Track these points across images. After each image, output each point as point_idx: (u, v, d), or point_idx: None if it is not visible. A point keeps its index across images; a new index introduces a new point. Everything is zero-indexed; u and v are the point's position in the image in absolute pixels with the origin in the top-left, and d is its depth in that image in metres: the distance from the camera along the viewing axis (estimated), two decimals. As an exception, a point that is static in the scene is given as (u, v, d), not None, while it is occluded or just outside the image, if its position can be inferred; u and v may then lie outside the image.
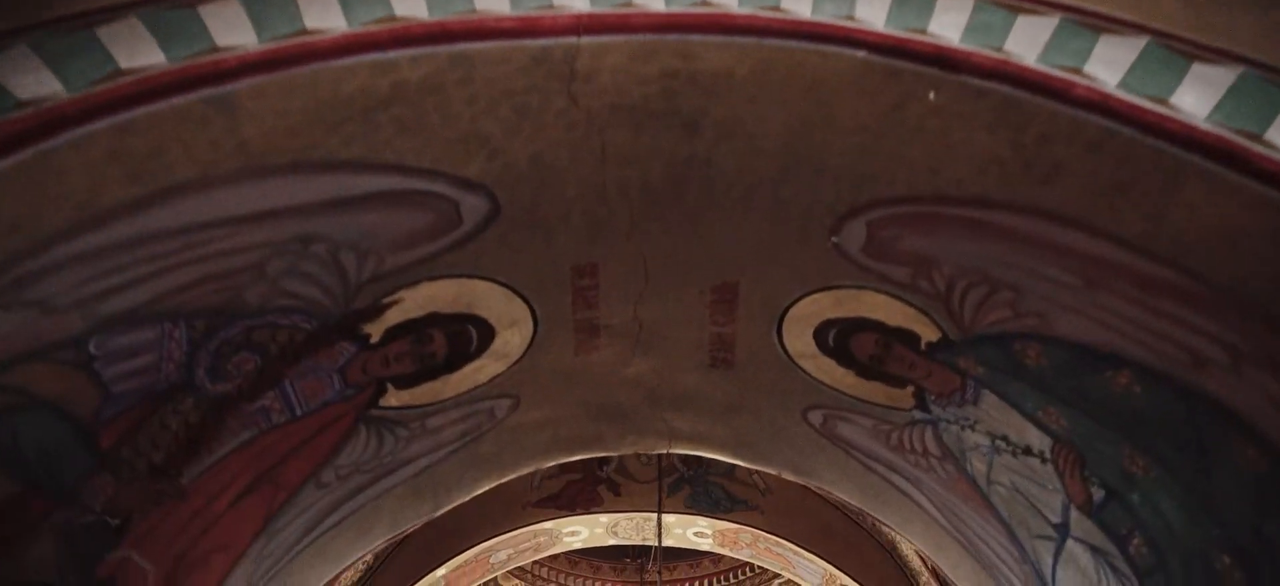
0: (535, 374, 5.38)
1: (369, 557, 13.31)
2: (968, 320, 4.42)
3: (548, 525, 14.20)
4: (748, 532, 14.38)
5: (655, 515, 14.25)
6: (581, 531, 14.65)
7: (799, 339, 5.13)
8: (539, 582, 19.24)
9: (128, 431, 3.94)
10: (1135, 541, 4.40)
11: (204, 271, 3.72)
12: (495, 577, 19.11)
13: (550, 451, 6.14)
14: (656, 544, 12.96)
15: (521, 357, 5.19)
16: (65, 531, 3.87)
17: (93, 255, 3.33)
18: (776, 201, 4.19)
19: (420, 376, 5.00)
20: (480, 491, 6.18)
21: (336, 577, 13.02)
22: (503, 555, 14.46)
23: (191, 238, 3.56)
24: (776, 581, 19.40)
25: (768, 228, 4.37)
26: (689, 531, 14.73)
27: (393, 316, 4.52)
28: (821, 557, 13.96)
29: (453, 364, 5.03)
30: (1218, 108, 2.95)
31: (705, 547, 14.81)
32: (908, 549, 13.48)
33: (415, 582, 13.68)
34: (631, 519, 14.44)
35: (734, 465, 14.77)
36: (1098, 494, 4.53)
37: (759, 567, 19.36)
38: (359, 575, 13.33)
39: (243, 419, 4.44)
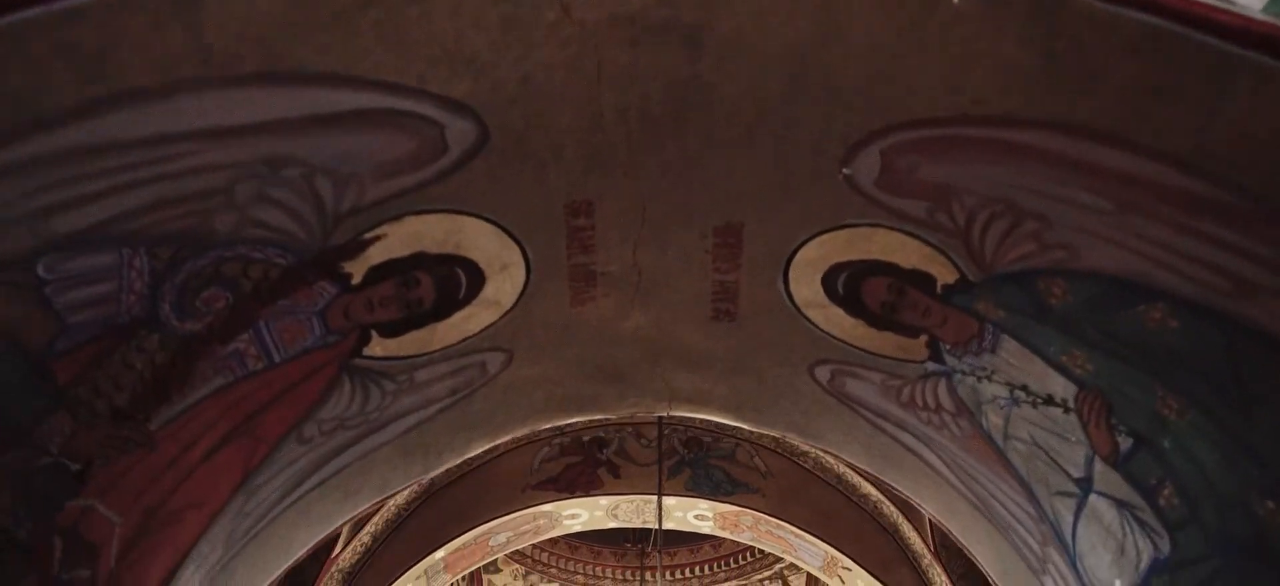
0: (529, 326, 5.04)
1: (367, 539, 12.99)
2: (988, 257, 4.07)
3: (547, 507, 13.87)
4: (749, 515, 14.05)
5: (655, 498, 13.93)
6: (581, 514, 14.32)
7: (807, 286, 4.78)
8: (539, 567, 18.91)
9: (86, 368, 3.59)
10: (1166, 492, 4.06)
11: (165, 192, 3.37)
12: (495, 561, 18.78)
13: (545, 412, 5.79)
14: (657, 527, 12.60)
15: (514, 307, 4.85)
16: (19, 473, 3.52)
17: (39, 163, 2.99)
18: (784, 128, 3.85)
19: (407, 324, 4.65)
20: (472, 454, 5.84)
21: (336, 557, 12.69)
22: (502, 538, 14.12)
23: (150, 152, 3.22)
24: (777, 565, 19.07)
25: (774, 159, 4.02)
26: (689, 514, 14.39)
27: (375, 254, 4.18)
28: (823, 540, 13.62)
29: (441, 311, 4.68)
30: (1276, -1, 2.64)
31: (706, 531, 14.47)
32: (909, 531, 13.15)
33: (414, 564, 13.35)
34: (632, 501, 14.11)
35: (735, 448, 14.48)
36: (1125, 443, 4.18)
37: (759, 553, 19.02)
38: (357, 557, 13.01)
39: (215, 363, 4.09)
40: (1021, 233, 3.86)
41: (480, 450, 5.88)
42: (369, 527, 12.87)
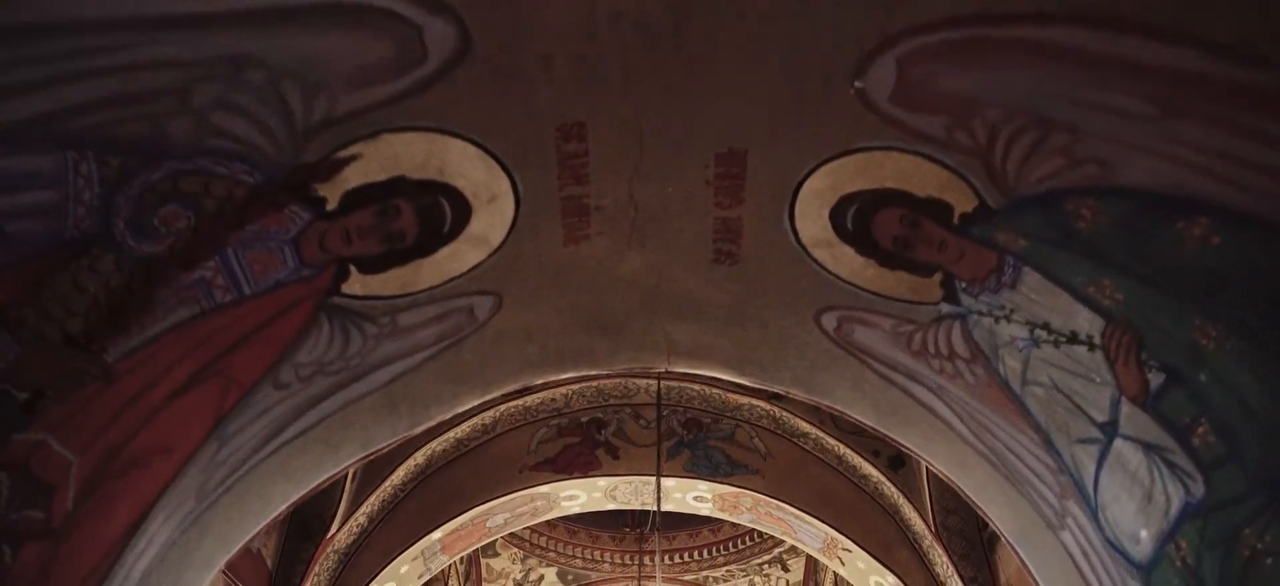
0: (519, 267, 4.68)
1: (363, 520, 12.62)
2: (1011, 178, 3.71)
3: (545, 489, 13.51)
4: (748, 496, 13.68)
5: (654, 479, 13.56)
6: (579, 495, 13.95)
7: (814, 222, 4.42)
8: (537, 551, 18.55)
9: (31, 286, 3.23)
10: (1200, 430, 3.69)
11: (111, 89, 3.01)
12: (494, 544, 18.42)
13: (538, 365, 5.42)
14: (655, 508, 12.22)
15: (503, 244, 4.48)
16: (-49, 397, 3.17)
17: (-40, 41, 2.63)
18: (793, 36, 3.49)
19: (388, 259, 4.28)
20: (461, 409, 5.46)
21: (331, 537, 12.32)
22: (499, 519, 13.74)
23: (91, 40, 2.86)
24: (777, 550, 18.71)
25: (782, 73, 3.66)
26: (689, 496, 14.02)
27: (351, 176, 3.81)
28: (823, 521, 13.26)
29: (425, 246, 4.31)
30: None
31: (705, 513, 14.09)
32: (911, 512, 12.79)
33: (411, 545, 12.99)
34: (630, 483, 13.73)
35: (734, 429, 14.11)
36: (1156, 379, 3.81)
37: (758, 537, 18.66)
38: (353, 537, 12.66)
39: (179, 292, 3.73)
40: (1049, 147, 3.50)
41: (470, 405, 5.50)
42: (365, 508, 12.52)
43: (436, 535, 13.11)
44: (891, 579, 13.06)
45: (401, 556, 12.98)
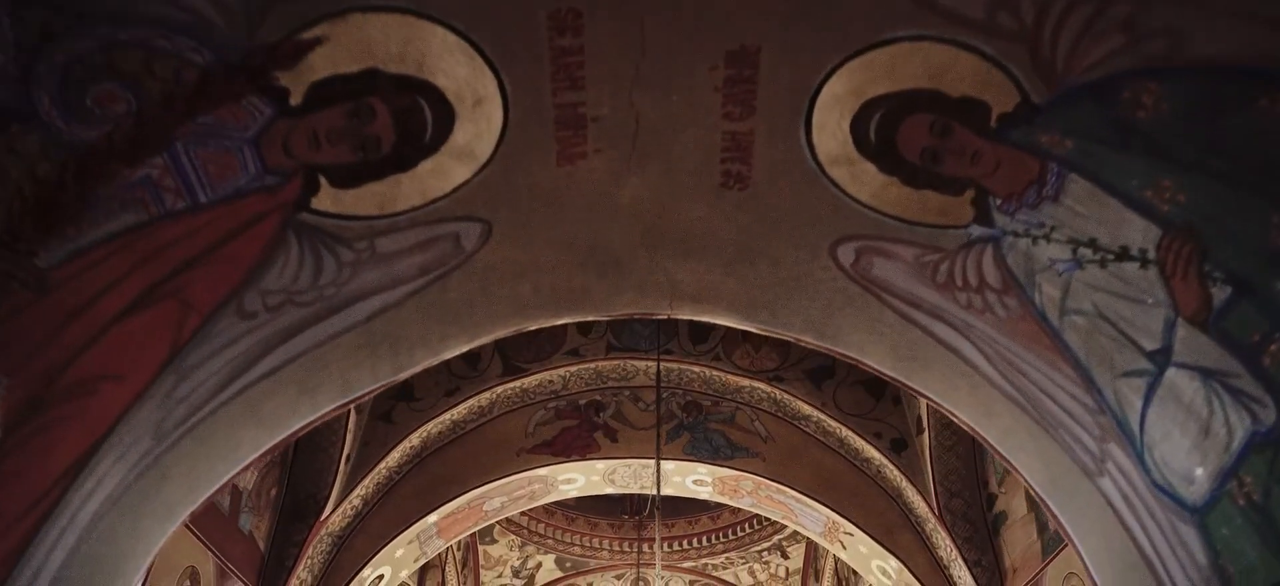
0: (509, 189, 4.16)
1: (357, 502, 12.10)
2: (1061, 64, 3.20)
3: (542, 472, 12.97)
4: (749, 480, 13.16)
5: (653, 462, 13.03)
6: (578, 479, 13.42)
7: (832, 135, 3.91)
8: (535, 539, 18.02)
9: (-65, 163, 2.73)
10: (1273, 348, 3.18)
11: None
12: (491, 531, 17.89)
13: (531, 307, 4.90)
14: (655, 491, 11.67)
15: (491, 160, 3.97)
16: None
17: None
18: (814, -104, 3.00)
19: (362, 172, 3.77)
20: (448, 355, 4.94)
21: (325, 520, 11.78)
22: (496, 502, 13.20)
23: None
24: (776, 537, 18.19)
25: (801, -52, 3.17)
26: (688, 479, 13.49)
27: (317, 65, 3.30)
28: (825, 505, 12.73)
29: (404, 158, 3.80)
30: None
31: (704, 496, 13.55)
32: (913, 495, 12.28)
33: (406, 528, 12.45)
34: (629, 466, 13.20)
35: (734, 411, 13.59)
36: (1220, 294, 3.30)
37: (757, 524, 18.13)
38: (348, 520, 12.14)
39: (123, 192, 3.22)
40: (1108, 21, 2.99)
41: (458, 350, 4.98)
42: (359, 490, 12.00)
43: (432, 518, 12.57)
44: (894, 562, 12.52)
45: (397, 539, 12.43)
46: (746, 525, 18.09)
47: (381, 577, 12.43)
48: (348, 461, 11.95)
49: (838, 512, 12.83)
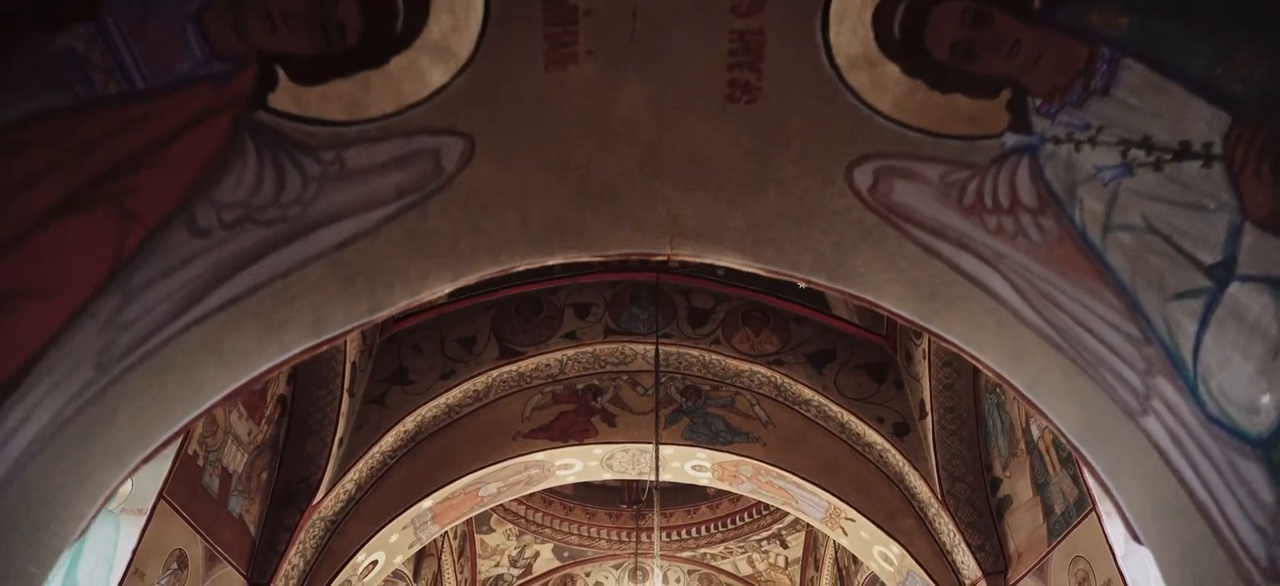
0: (492, 96, 3.67)
1: (350, 487, 11.60)
2: (1118, -82, 2.73)
3: (539, 456, 12.46)
4: (749, 465, 12.65)
5: (651, 447, 12.52)
6: (575, 464, 12.90)
7: (853, 32, 3.42)
8: (532, 527, 17.51)
9: None
10: (1363, 249, 2.70)
11: None
12: (489, 520, 17.36)
13: (520, 243, 4.40)
14: (653, 477, 11.14)
15: (471, 59, 3.48)
16: None
17: None
18: None
19: (327, 65, 3.27)
20: (430, 295, 4.43)
21: (317, 504, 11.27)
22: (492, 488, 12.68)
23: None
24: (775, 526, 17.67)
25: None
26: (687, 465, 12.98)
27: (270, -76, 2.82)
28: (826, 490, 12.22)
29: (373, 52, 3.31)
30: None
31: (704, 482, 13.02)
32: (916, 479, 11.78)
33: (401, 513, 11.92)
34: (627, 451, 12.68)
35: (734, 396, 13.10)
36: (1300, 189, 2.81)
37: (757, 513, 17.62)
38: (341, 504, 11.63)
39: (42, 62, 2.71)
40: None
41: (441, 289, 4.47)
42: (352, 474, 11.49)
43: (427, 503, 12.06)
44: (896, 548, 12.01)
45: (391, 524, 11.91)
46: (746, 514, 17.60)
47: (375, 563, 11.89)
48: (340, 445, 11.45)
49: (839, 498, 12.34)
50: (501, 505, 17.21)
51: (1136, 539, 4.13)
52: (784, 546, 17.71)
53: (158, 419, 3.77)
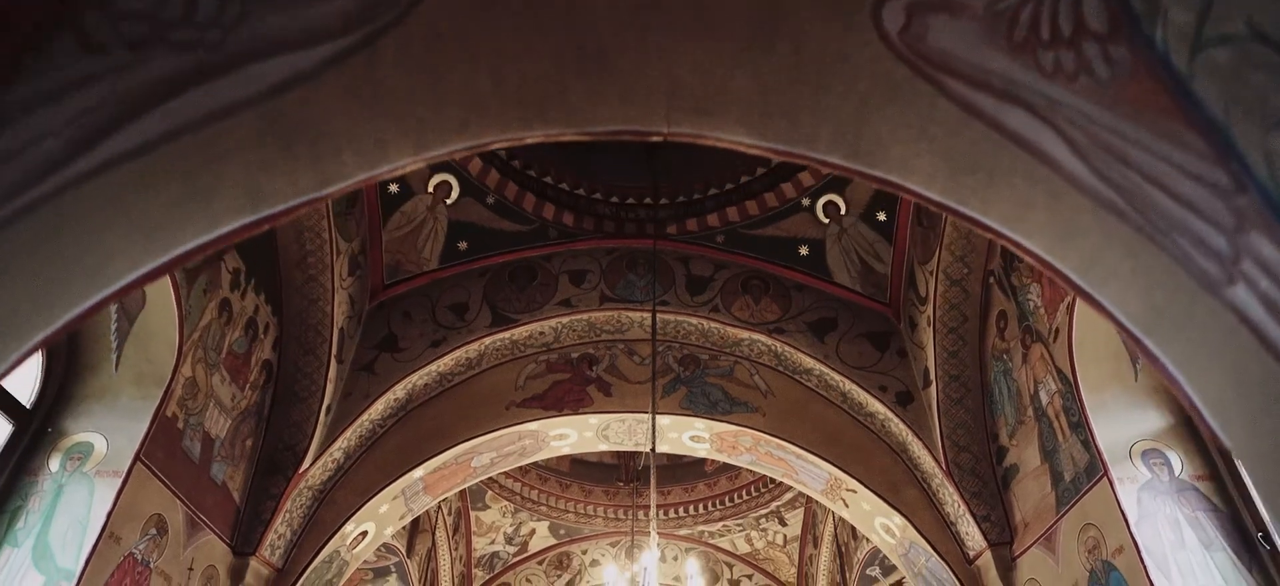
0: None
1: (339, 455, 10.91)
2: None
3: (533, 426, 11.74)
4: (748, 435, 11.94)
5: (648, 416, 11.83)
6: (570, 434, 12.17)
7: None
8: (528, 505, 16.80)
9: None
10: None
11: None
12: (484, 497, 16.60)
13: (490, 112, 3.66)
14: (650, 448, 10.39)
15: None
16: None
17: None
18: None
19: None
20: (390, 168, 3.69)
21: (304, 472, 10.53)
22: (485, 458, 11.94)
23: None
24: (774, 503, 16.94)
25: None
26: (685, 435, 12.25)
27: None
28: (827, 461, 11.49)
29: None
30: None
31: (702, 453, 12.29)
32: (919, 449, 11.06)
33: (391, 482, 11.19)
34: (623, 420, 11.96)
35: (733, 365, 12.36)
36: None
37: (755, 491, 16.89)
38: (329, 473, 10.91)
39: None
40: None
41: (401, 168, 3.71)
42: (340, 443, 10.77)
43: (418, 473, 11.34)
44: (898, 519, 11.27)
45: (381, 494, 11.18)
46: (744, 492, 16.91)
47: (365, 534, 11.14)
48: (328, 412, 10.73)
49: (840, 468, 11.65)
50: (497, 482, 16.48)
51: (1217, 444, 3.40)
52: (782, 524, 17.01)
53: (59, 289, 3.04)
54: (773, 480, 17.08)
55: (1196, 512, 8.34)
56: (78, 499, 7.97)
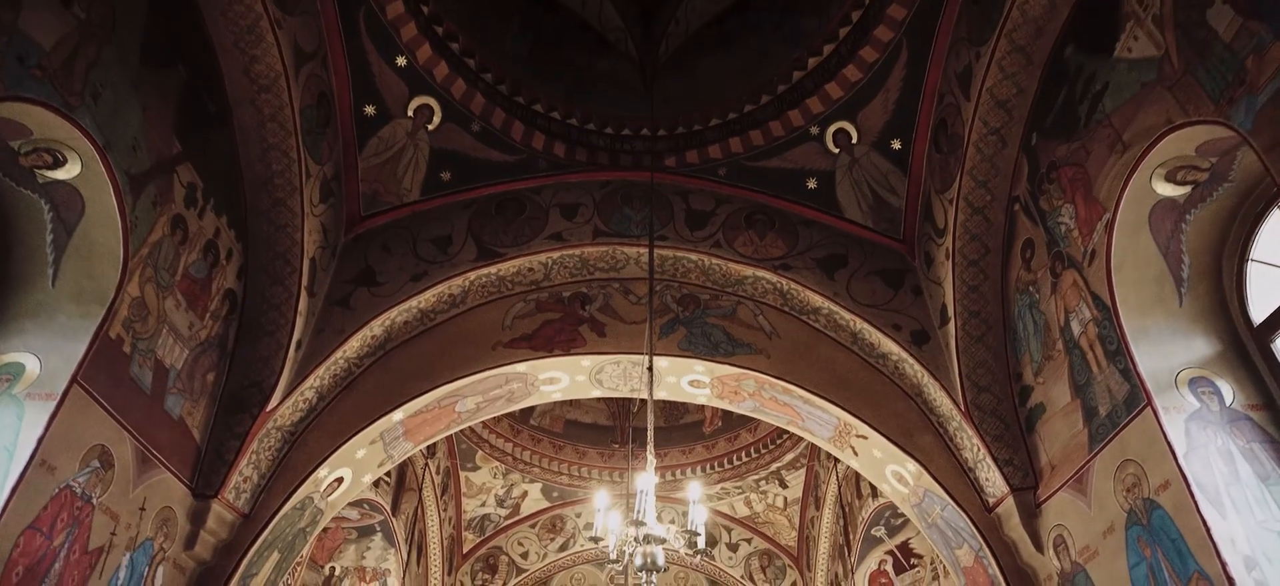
0: None
1: (310, 395, 9.90)
2: None
3: (521, 367, 10.77)
4: (751, 378, 10.96)
5: (645, 358, 10.85)
6: (561, 378, 11.20)
7: None
8: (520, 466, 15.84)
9: None
10: None
11: None
12: (474, 457, 15.62)
13: None
14: (648, 395, 9.38)
15: None
16: None
17: None
18: None
19: None
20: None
21: (273, 411, 9.52)
22: (470, 402, 10.97)
23: None
24: (774, 465, 16.02)
25: None
26: (684, 380, 11.28)
27: None
28: (835, 404, 10.50)
29: None
30: None
31: (702, 400, 11.32)
32: (936, 391, 10.10)
33: (368, 425, 10.21)
34: (618, 363, 10.99)
35: (736, 306, 11.40)
36: None
37: (755, 452, 15.96)
38: (301, 414, 9.92)
39: None
40: None
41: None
42: (312, 381, 9.78)
43: (397, 416, 10.37)
44: (912, 466, 10.30)
45: (357, 437, 10.19)
46: (743, 454, 15.98)
47: (340, 480, 10.17)
48: (298, 348, 9.73)
49: (850, 413, 10.66)
50: (487, 441, 15.52)
51: None
52: (783, 486, 16.08)
53: None
54: (773, 441, 16.13)
55: (1251, 444, 7.38)
56: (4, 423, 6.98)
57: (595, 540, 7.03)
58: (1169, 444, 7.41)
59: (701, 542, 6.42)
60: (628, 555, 6.46)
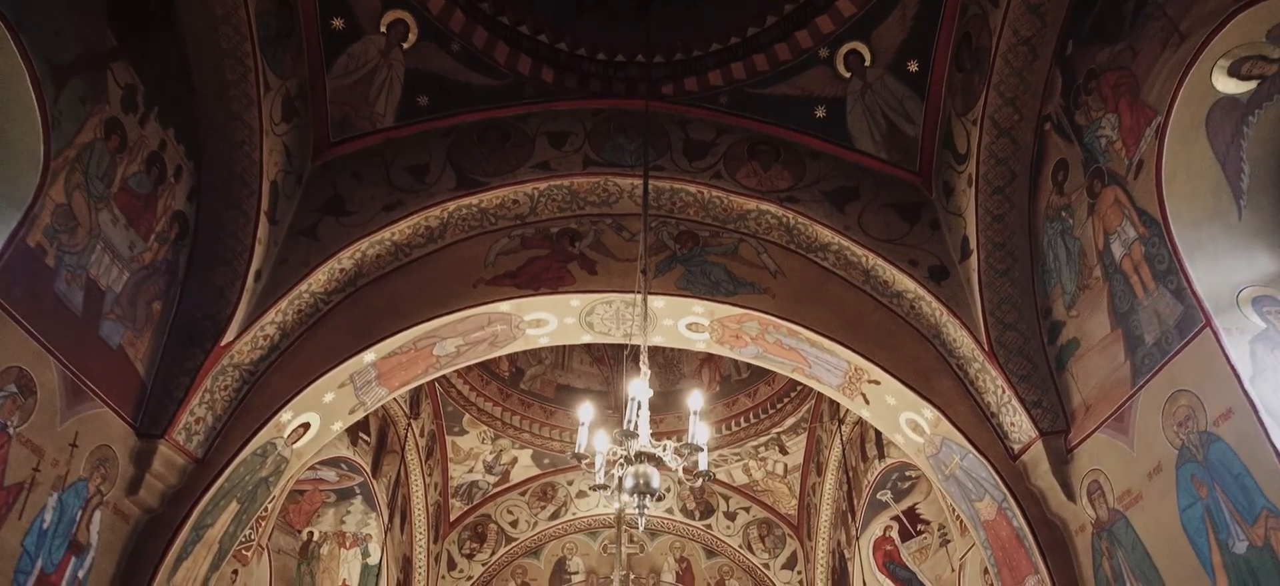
0: None
1: (272, 332, 8.76)
2: None
3: (505, 307, 9.62)
4: (754, 320, 9.85)
5: (638, 297, 9.67)
6: (549, 320, 10.06)
7: None
8: (510, 431, 14.72)
9: None
10: None
11: None
12: (462, 421, 14.53)
13: None
14: (642, 337, 8.26)
15: None
16: None
17: None
18: None
19: None
20: None
21: (228, 346, 8.38)
22: (450, 346, 9.84)
23: None
24: (774, 430, 14.94)
25: None
26: (681, 323, 10.16)
27: None
28: (845, 346, 9.38)
29: None
30: None
31: (701, 345, 10.20)
32: (956, 330, 8.96)
33: (336, 365, 9.09)
34: (610, 302, 9.88)
35: (738, 243, 10.28)
36: None
37: (754, 417, 14.86)
38: (261, 352, 8.80)
39: None
40: None
41: None
42: (273, 316, 8.63)
43: (369, 356, 9.22)
44: (929, 412, 9.18)
45: (324, 378, 9.03)
46: (742, 419, 14.88)
47: (307, 426, 9.01)
48: (257, 278, 8.57)
49: (862, 355, 9.51)
50: (475, 405, 14.42)
51: None
52: (783, 452, 14.98)
53: None
54: (773, 405, 15.04)
55: (1327, 367, 6.32)
56: (-112, 332, 5.85)
57: (579, 457, 5.96)
58: (1233, 367, 6.34)
59: (703, 463, 5.37)
60: (617, 478, 5.40)
